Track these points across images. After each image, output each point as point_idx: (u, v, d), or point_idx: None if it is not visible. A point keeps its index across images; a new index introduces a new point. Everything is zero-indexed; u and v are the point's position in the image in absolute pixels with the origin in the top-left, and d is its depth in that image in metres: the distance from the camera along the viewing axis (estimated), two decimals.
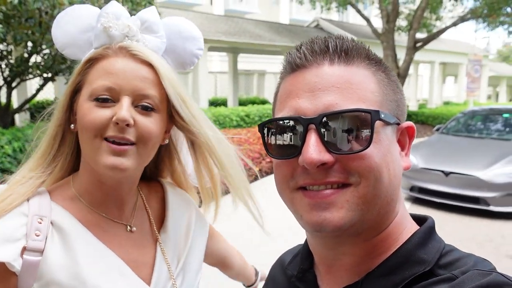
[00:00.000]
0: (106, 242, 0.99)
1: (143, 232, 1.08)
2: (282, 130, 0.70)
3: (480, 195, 6.75)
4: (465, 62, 22.63)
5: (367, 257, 0.72)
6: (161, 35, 1.05)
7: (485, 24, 17.44)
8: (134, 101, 0.94)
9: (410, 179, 7.53)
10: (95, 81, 0.94)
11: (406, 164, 0.75)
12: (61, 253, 0.92)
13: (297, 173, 0.69)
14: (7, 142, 6.62)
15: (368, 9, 28.85)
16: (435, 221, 0.76)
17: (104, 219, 1.02)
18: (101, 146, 0.91)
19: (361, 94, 0.68)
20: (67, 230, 0.95)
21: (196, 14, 17.66)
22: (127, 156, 0.92)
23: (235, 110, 13.23)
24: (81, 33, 1.03)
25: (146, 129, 0.94)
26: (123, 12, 1.01)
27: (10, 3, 5.64)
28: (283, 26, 21.07)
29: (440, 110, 20.46)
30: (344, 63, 0.70)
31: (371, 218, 0.68)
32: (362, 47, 0.73)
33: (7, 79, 7.84)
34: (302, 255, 0.85)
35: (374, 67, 0.72)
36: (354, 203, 0.66)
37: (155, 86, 0.96)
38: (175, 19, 1.12)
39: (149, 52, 0.98)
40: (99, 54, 0.97)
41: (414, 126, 0.76)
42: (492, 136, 8.65)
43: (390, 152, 0.69)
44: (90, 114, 0.92)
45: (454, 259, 0.67)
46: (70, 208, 0.99)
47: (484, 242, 5.82)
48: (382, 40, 16.30)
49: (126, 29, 0.99)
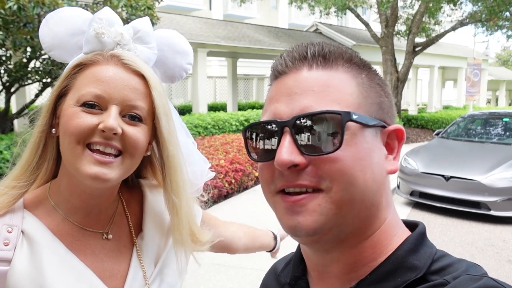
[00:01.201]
0: (78, 252, 0.97)
1: (121, 239, 1.06)
2: (262, 134, 0.72)
3: (481, 199, 6.74)
4: (465, 66, 22.68)
5: (357, 264, 0.71)
6: (153, 47, 1.04)
7: (484, 28, 17.49)
8: (122, 111, 0.92)
9: (410, 184, 7.52)
10: (84, 87, 0.92)
11: (392, 167, 0.73)
12: (28, 263, 0.90)
13: (276, 176, 0.70)
14: (5, 147, 6.61)
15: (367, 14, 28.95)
16: (436, 226, 0.74)
17: (78, 229, 1.00)
18: (83, 154, 0.89)
19: (337, 96, 0.68)
20: (37, 240, 0.93)
21: (195, 18, 17.71)
22: (111, 167, 0.91)
23: (234, 115, 13.22)
24: (70, 36, 1.02)
25: (134, 139, 0.93)
26: (116, 20, 1.00)
27: (9, 9, 5.65)
28: (282, 30, 21.13)
29: (440, 114, 20.47)
30: (322, 68, 0.71)
31: (350, 223, 0.68)
32: (344, 51, 0.73)
33: (6, 84, 7.83)
34: (294, 262, 0.85)
35: (355, 70, 0.72)
36: (326, 207, 0.66)
37: (144, 97, 0.95)
38: (168, 32, 1.11)
39: (141, 63, 0.97)
40: (90, 60, 0.96)
41: (403, 128, 0.74)
42: (492, 140, 8.64)
43: (369, 156, 0.68)
44: (75, 119, 0.90)
45: (446, 264, 0.67)
46: (43, 218, 0.97)
47: (485, 247, 5.80)
48: (381, 45, 16.34)
49: (118, 36, 0.98)
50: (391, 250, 0.71)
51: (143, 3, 7.27)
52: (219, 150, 9.02)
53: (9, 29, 6.18)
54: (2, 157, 6.42)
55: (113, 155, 0.91)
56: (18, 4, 5.64)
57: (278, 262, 0.97)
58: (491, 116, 9.42)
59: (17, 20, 6.00)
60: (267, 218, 1.14)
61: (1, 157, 6.42)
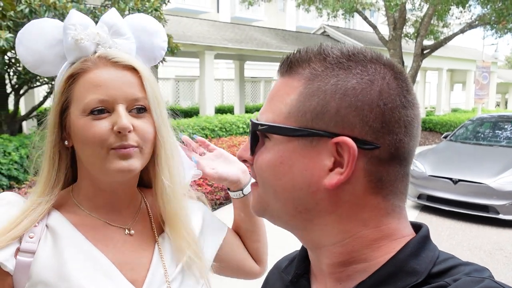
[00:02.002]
0: (100, 245, 1.01)
1: (144, 236, 1.09)
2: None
3: (489, 203, 6.67)
4: (473, 69, 22.53)
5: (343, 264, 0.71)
6: (129, 36, 1.06)
7: (493, 31, 17.36)
8: (127, 107, 0.97)
9: (418, 187, 7.47)
10: (85, 96, 0.95)
11: (331, 181, 0.67)
12: (50, 255, 0.96)
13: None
14: (14, 149, 6.66)
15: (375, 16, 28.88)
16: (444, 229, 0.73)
17: (101, 223, 1.05)
18: (108, 155, 0.95)
19: (275, 105, 0.72)
20: (60, 233, 0.98)
21: (203, 21, 17.76)
22: (133, 157, 0.96)
23: (241, 117, 13.22)
24: (49, 49, 1.03)
25: (145, 131, 0.98)
26: (88, 21, 1.01)
27: (21, 12, 5.70)
28: (290, 33, 21.13)
29: (448, 117, 20.35)
30: (287, 75, 0.73)
31: (282, 208, 0.73)
32: (312, 56, 0.69)
33: (15, 87, 7.91)
34: (298, 259, 0.85)
35: (313, 76, 0.68)
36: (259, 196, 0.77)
37: (141, 88, 0.99)
38: (137, 16, 1.13)
39: (127, 56, 1.00)
40: (80, 69, 0.98)
41: (350, 142, 0.65)
42: (501, 143, 8.55)
43: (289, 165, 0.69)
44: (90, 129, 0.94)
45: (448, 267, 0.66)
46: (67, 213, 1.03)
47: (494, 251, 5.75)
48: (389, 47, 16.28)
49: (96, 37, 0.99)
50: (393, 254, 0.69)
51: (150, 5, 7.31)
52: None
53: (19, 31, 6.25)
54: (10, 158, 6.47)
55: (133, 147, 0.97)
56: (30, 7, 5.69)
57: (282, 259, 0.98)
58: (500, 119, 9.34)
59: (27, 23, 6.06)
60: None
61: (10, 158, 6.47)
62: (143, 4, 7.19)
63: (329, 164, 0.67)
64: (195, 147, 1.28)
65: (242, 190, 1.26)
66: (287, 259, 0.95)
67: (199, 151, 1.28)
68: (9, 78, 7.72)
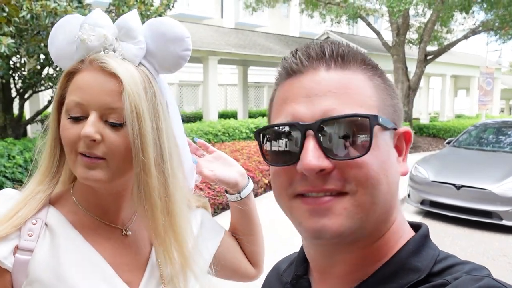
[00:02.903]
0: (97, 244, 1.01)
1: (140, 236, 1.08)
2: (279, 137, 0.69)
3: (493, 209, 6.65)
4: (477, 75, 22.48)
5: (362, 265, 0.71)
6: (139, 41, 1.00)
7: (497, 36, 17.35)
8: (102, 116, 0.93)
9: (421, 193, 7.45)
10: (68, 96, 0.96)
11: (403, 170, 0.73)
12: (48, 253, 0.96)
13: (296, 180, 0.67)
14: (18, 152, 6.69)
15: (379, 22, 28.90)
16: (447, 235, 0.74)
17: (99, 223, 1.04)
18: (76, 160, 0.95)
19: (359, 99, 0.67)
20: (58, 232, 0.98)
21: (207, 27, 17.83)
22: (97, 169, 0.94)
23: (245, 122, 13.24)
24: (68, 45, 1.02)
25: (114, 144, 0.93)
26: (101, 21, 0.98)
27: (23, 18, 5.75)
28: (293, 39, 21.18)
29: (452, 123, 20.29)
30: (341, 68, 0.69)
31: (369, 226, 0.67)
32: (358, 52, 0.72)
33: (20, 91, 7.95)
34: (297, 261, 0.84)
35: (370, 72, 0.71)
36: (352, 211, 0.65)
37: (121, 99, 0.93)
38: (160, 20, 1.05)
39: (117, 63, 0.94)
40: (74, 68, 0.97)
41: (411, 131, 0.74)
42: (504, 149, 8.52)
43: (389, 159, 0.68)
44: (65, 131, 0.95)
45: (448, 265, 0.67)
46: (65, 212, 1.03)
47: (497, 257, 5.72)
48: (393, 53, 16.29)
49: (102, 39, 0.97)
50: (395, 251, 0.70)
51: (154, 11, 7.36)
52: None
53: (23, 36, 6.30)
54: (15, 162, 6.50)
55: (98, 158, 0.93)
56: (31, 13, 5.74)
57: (281, 261, 0.98)
58: (503, 125, 9.31)
59: (30, 28, 6.11)
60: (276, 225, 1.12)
61: (14, 162, 6.50)
62: (147, 9, 7.24)
63: (396, 154, 0.72)
64: (194, 149, 1.27)
65: (240, 193, 1.25)
66: (286, 261, 0.94)
67: (199, 153, 1.28)
68: (14, 83, 7.77)
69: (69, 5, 6.04)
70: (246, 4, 19.23)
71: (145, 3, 7.22)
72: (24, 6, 5.73)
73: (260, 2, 19.03)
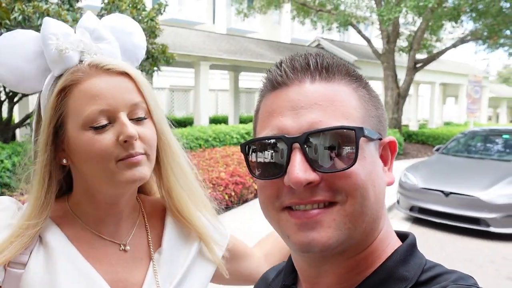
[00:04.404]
0: (94, 260, 0.97)
1: (139, 252, 1.04)
2: (265, 150, 0.69)
3: (481, 216, 6.70)
4: (465, 83, 22.73)
5: (350, 275, 0.71)
6: (111, 40, 1.00)
7: (485, 45, 17.60)
8: (128, 114, 0.93)
9: (410, 199, 7.50)
10: (83, 108, 0.90)
11: (389, 179, 0.74)
12: (42, 268, 0.92)
13: (283, 193, 0.67)
14: (7, 156, 6.63)
15: (369, 30, 29.14)
16: (435, 242, 0.76)
17: (96, 237, 1.00)
18: (118, 168, 0.91)
19: (344, 111, 0.67)
20: (53, 246, 0.94)
21: (198, 32, 17.85)
22: (142, 165, 0.93)
23: (235, 128, 13.24)
24: (28, 64, 0.95)
25: (149, 138, 0.95)
26: (68, 29, 0.95)
27: (14, 19, 5.71)
28: (285, 45, 21.27)
29: (441, 130, 20.49)
30: (325, 80, 0.69)
31: (357, 236, 0.68)
32: (342, 64, 0.73)
33: (9, 94, 7.89)
34: (285, 271, 0.84)
35: (355, 83, 0.72)
36: (341, 221, 0.65)
37: (137, 92, 0.95)
38: (113, 17, 1.06)
39: (118, 62, 0.96)
40: (71, 80, 0.92)
41: (396, 140, 0.75)
42: (492, 157, 8.63)
43: (375, 168, 0.69)
44: (95, 144, 0.90)
45: (436, 274, 0.68)
46: (62, 225, 0.98)
47: (485, 264, 5.77)
48: (383, 61, 16.44)
49: (80, 45, 0.94)
50: (382, 260, 0.71)
51: (146, 15, 7.35)
52: (220, 163, 9.03)
53: None
54: (3, 166, 6.44)
55: (140, 154, 0.93)
56: (23, 15, 5.71)
57: (269, 271, 0.97)
58: (491, 133, 9.42)
59: None
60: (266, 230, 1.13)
61: (2, 166, 6.43)
62: (138, 13, 7.24)
63: (381, 163, 0.73)
64: None
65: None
66: (274, 270, 0.94)
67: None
68: (3, 86, 7.71)
69: (61, 8, 6.02)
70: (238, 10, 19.32)
71: (137, 7, 7.22)
72: (16, 8, 5.70)
73: (251, 8, 19.13)
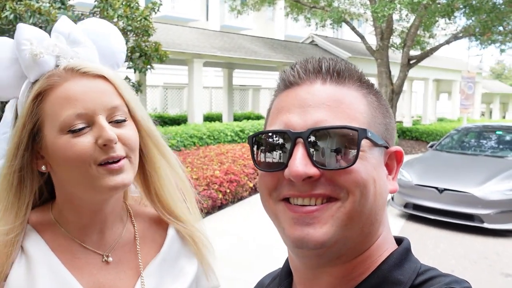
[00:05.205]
0: (75, 270, 0.94)
1: (123, 265, 1.01)
2: (271, 143, 0.72)
3: (475, 212, 6.75)
4: (459, 79, 22.86)
5: (346, 278, 0.72)
6: (88, 44, 0.98)
7: (478, 42, 17.66)
8: (107, 117, 0.91)
9: (404, 196, 7.53)
10: (60, 113, 0.88)
11: (392, 187, 0.75)
12: (23, 280, 0.89)
13: (282, 185, 0.70)
14: None
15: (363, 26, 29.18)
16: (430, 238, 0.76)
17: (78, 246, 0.97)
18: (98, 173, 0.89)
19: (351, 113, 0.69)
20: (34, 256, 0.92)
21: (192, 29, 17.78)
22: (124, 171, 0.91)
23: (229, 125, 13.23)
24: (3, 71, 0.94)
25: (130, 139, 0.93)
26: (43, 33, 0.94)
27: (5, 18, 5.66)
28: (278, 42, 21.24)
29: (434, 126, 20.57)
30: (336, 83, 0.72)
31: (353, 236, 0.68)
32: (355, 70, 0.75)
33: None
34: (281, 275, 0.85)
35: (365, 89, 0.74)
36: (339, 218, 0.66)
37: (116, 95, 0.94)
38: (89, 21, 1.05)
39: (95, 65, 0.95)
40: (47, 85, 0.90)
41: (403, 151, 0.77)
42: (486, 153, 8.68)
43: (378, 173, 0.70)
44: (73, 147, 0.88)
45: (430, 277, 0.69)
46: (44, 233, 0.96)
47: (478, 260, 5.80)
48: (376, 57, 16.45)
49: (55, 49, 0.93)
50: (378, 265, 0.71)
51: (140, 14, 7.31)
52: (214, 161, 9.01)
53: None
54: None
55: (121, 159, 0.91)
56: (14, 13, 5.65)
57: (265, 277, 0.97)
58: (485, 129, 9.49)
59: (13, 29, 6.01)
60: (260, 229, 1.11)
61: None
62: (132, 12, 7.19)
63: (386, 171, 0.74)
64: None
65: None
66: (270, 276, 0.94)
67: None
68: None
69: (52, 6, 5.97)
70: (231, 7, 19.23)
71: (130, 6, 7.17)
72: (7, 6, 5.64)
73: (245, 5, 19.06)
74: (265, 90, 26.12)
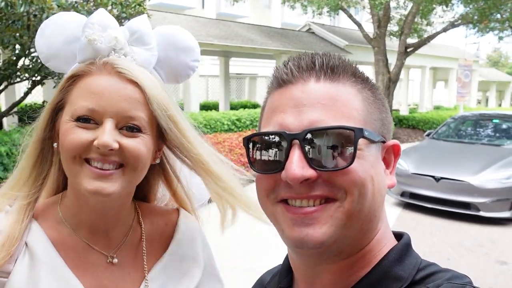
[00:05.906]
0: (79, 271, 0.93)
1: (128, 267, 0.99)
2: (266, 145, 0.71)
3: (471, 200, 6.79)
4: (456, 67, 22.84)
5: (346, 274, 0.72)
6: (152, 47, 0.96)
7: (475, 29, 17.61)
8: (118, 123, 0.87)
9: (401, 185, 7.55)
10: (77, 101, 0.88)
11: (390, 182, 0.74)
12: (25, 278, 0.89)
13: (280, 186, 0.69)
14: None
15: (360, 14, 29.03)
16: (426, 226, 0.75)
17: (84, 245, 0.96)
18: (82, 169, 0.86)
19: (346, 111, 0.68)
20: (38, 255, 0.91)
21: (188, 17, 17.64)
22: (111, 180, 0.87)
23: (226, 114, 13.20)
24: (66, 44, 0.96)
25: (134, 152, 0.88)
26: (110, 22, 0.93)
27: None
28: (275, 30, 21.12)
29: (431, 114, 20.61)
30: (330, 80, 0.70)
31: (352, 234, 0.68)
32: (349, 65, 0.73)
33: None
34: (281, 273, 0.85)
35: (360, 84, 0.72)
36: (337, 218, 0.66)
37: (142, 106, 0.89)
38: (170, 28, 1.03)
39: (136, 70, 0.91)
40: (82, 71, 0.90)
41: (400, 144, 0.76)
42: (482, 141, 8.70)
43: (375, 169, 0.69)
44: (70, 135, 0.86)
45: (430, 273, 0.69)
46: (49, 230, 0.95)
47: (474, 248, 5.84)
48: (374, 45, 16.40)
49: (113, 41, 0.92)
50: (378, 260, 0.71)
51: (134, 0, 7.21)
52: None
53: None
54: None
55: (112, 168, 0.87)
56: (5, 1, 5.56)
57: (265, 274, 0.97)
58: (482, 118, 9.50)
59: (5, 17, 5.93)
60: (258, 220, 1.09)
61: None
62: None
63: (383, 166, 0.73)
64: None
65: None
66: (270, 273, 0.94)
67: None
68: None
69: None
70: None
71: None
72: None
73: None
74: (261, 78, 26.03)
